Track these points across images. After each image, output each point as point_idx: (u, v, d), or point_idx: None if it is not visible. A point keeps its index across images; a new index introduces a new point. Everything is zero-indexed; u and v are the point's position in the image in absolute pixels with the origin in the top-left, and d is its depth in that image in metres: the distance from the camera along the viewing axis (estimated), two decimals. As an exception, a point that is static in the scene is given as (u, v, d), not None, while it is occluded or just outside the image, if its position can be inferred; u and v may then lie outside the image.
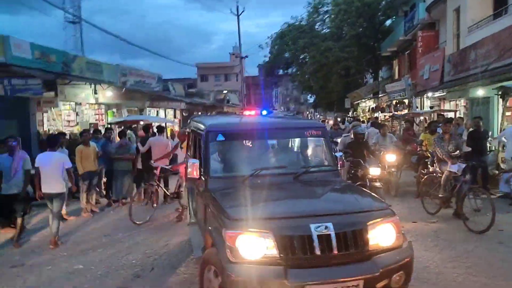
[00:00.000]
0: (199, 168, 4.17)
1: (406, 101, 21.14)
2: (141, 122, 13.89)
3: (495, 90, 10.61)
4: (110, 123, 14.91)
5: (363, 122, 16.96)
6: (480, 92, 12.42)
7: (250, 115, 5.62)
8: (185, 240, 5.74)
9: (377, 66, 30.17)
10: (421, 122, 16.48)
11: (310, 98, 65.77)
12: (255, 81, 49.20)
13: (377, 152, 8.37)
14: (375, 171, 6.67)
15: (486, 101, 12.06)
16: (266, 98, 52.92)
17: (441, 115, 12.63)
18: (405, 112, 20.15)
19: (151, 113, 23.11)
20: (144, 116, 18.41)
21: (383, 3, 26.76)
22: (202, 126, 4.57)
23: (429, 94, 17.20)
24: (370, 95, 28.87)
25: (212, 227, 3.51)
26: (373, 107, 28.61)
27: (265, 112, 5.62)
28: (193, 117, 6.69)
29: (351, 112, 37.71)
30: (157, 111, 24.64)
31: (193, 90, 32.73)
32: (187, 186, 6.04)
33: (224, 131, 4.34)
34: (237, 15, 29.30)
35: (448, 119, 9.19)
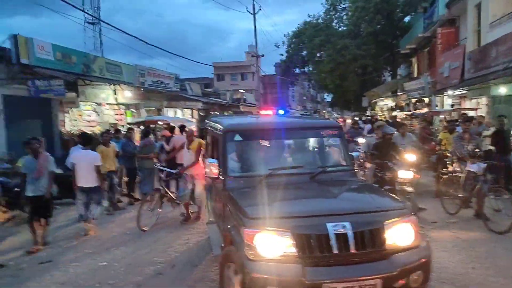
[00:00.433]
0: (217, 168, 4.26)
1: (426, 100, 20.80)
2: (159, 122, 14.12)
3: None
4: (130, 123, 15.21)
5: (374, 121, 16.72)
6: (502, 90, 12.13)
7: (267, 115, 5.70)
8: (204, 238, 5.86)
9: (395, 64, 29.73)
10: (441, 120, 16.19)
11: (327, 97, 65.37)
12: (272, 80, 49.24)
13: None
14: (406, 174, 6.16)
15: (508, 99, 11.78)
16: (282, 97, 52.85)
17: (464, 113, 12.38)
18: (425, 110, 19.86)
19: (169, 113, 23.44)
20: (162, 116, 18.69)
21: (402, -1, 26.31)
22: (219, 127, 4.66)
23: (449, 92, 16.87)
24: (389, 94, 28.49)
25: (231, 225, 3.59)
26: (391, 106, 28.25)
27: (282, 111, 5.69)
28: (210, 117, 6.79)
29: (368, 111, 37.33)
30: (175, 111, 24.96)
31: (210, 90, 33.01)
32: (205, 185, 6.17)
33: (241, 132, 4.43)
34: (253, 13, 29.38)
35: (468, 118, 9.03)
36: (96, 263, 5.12)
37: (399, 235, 3.23)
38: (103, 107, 18.00)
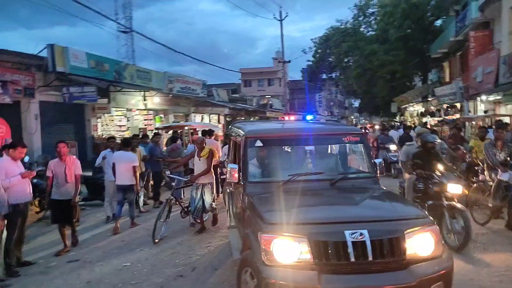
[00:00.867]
0: (238, 173, 4.31)
1: (458, 105, 20.12)
2: (185, 128, 14.39)
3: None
4: (158, 128, 15.59)
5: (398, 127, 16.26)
6: (539, 96, 11.60)
7: (291, 121, 5.72)
8: (225, 243, 5.92)
9: (425, 68, 28.95)
10: (473, 127, 15.61)
11: (354, 103, 64.44)
12: (298, 86, 49.04)
13: None
14: (456, 188, 5.38)
15: (546, 105, 11.24)
16: (309, 103, 52.53)
17: (498, 120, 11.88)
18: (456, 116, 19.21)
19: (196, 118, 23.84)
20: (189, 122, 19.03)
21: (432, 3, 25.65)
22: (241, 132, 4.73)
23: (483, 98, 16.26)
24: (419, 99, 27.76)
25: (249, 230, 3.62)
26: (421, 112, 27.50)
27: (310, 117, 5.70)
28: (234, 123, 6.82)
29: (398, 116, 36.49)
30: (202, 117, 25.36)
31: (237, 95, 33.32)
32: (227, 190, 6.24)
33: (262, 137, 4.46)
34: (280, 20, 29.47)
35: (501, 124, 8.66)
36: (121, 263, 5.28)
37: (419, 244, 3.16)
38: (133, 112, 18.58)
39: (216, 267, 5.03)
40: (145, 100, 17.49)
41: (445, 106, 21.86)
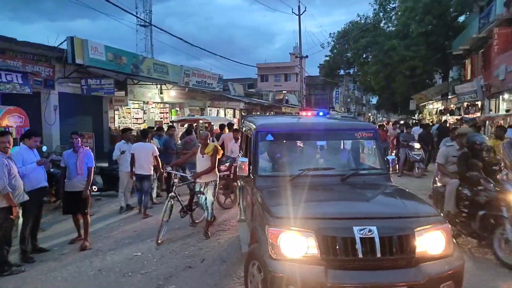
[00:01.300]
0: (248, 166, 4.30)
1: (479, 104, 19.60)
2: (200, 121, 14.47)
3: None
4: (173, 121, 15.73)
5: (420, 125, 15.71)
6: None
7: (304, 116, 5.68)
8: (235, 236, 5.94)
9: (446, 65, 28.25)
10: (494, 126, 15.18)
11: (372, 99, 63.54)
12: (315, 81, 48.69)
13: None
14: None
15: None
16: (326, 99, 52.09)
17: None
18: (477, 115, 18.72)
19: (212, 112, 23.94)
20: (204, 116, 19.14)
21: (457, -2, 24.92)
22: (253, 126, 4.72)
23: (505, 96, 15.80)
24: (438, 97, 27.15)
25: (257, 223, 3.62)
26: (441, 109, 26.91)
27: (321, 113, 5.67)
28: (247, 117, 6.80)
29: (416, 114, 35.80)
30: (217, 111, 25.45)
31: (253, 90, 33.28)
32: (238, 184, 6.25)
33: (273, 131, 4.44)
34: (299, 14, 29.22)
35: None
36: (132, 253, 5.37)
37: (430, 243, 3.10)
38: (149, 105, 18.79)
39: (225, 259, 5.06)
40: (161, 93, 17.66)
41: (465, 104, 21.33)
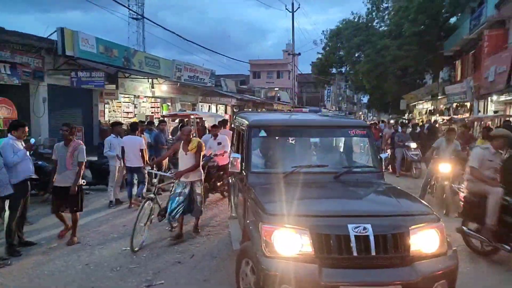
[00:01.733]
0: (241, 163, 4.24)
1: (468, 105, 19.83)
2: (192, 116, 14.34)
3: None
4: (164, 116, 15.58)
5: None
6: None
7: (295, 113, 5.63)
8: (226, 232, 5.89)
9: (437, 66, 28.52)
10: (482, 127, 15.38)
11: (363, 99, 63.87)
12: (307, 79, 48.75)
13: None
14: None
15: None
16: (317, 97, 52.23)
17: (507, 120, 11.68)
18: (466, 116, 18.95)
19: (203, 108, 23.79)
20: (195, 111, 19.01)
21: (448, -1, 25.11)
22: (245, 122, 4.66)
23: (494, 98, 16.00)
24: (428, 97, 27.40)
25: (250, 220, 3.58)
26: (430, 110, 27.19)
27: (305, 110, 5.60)
28: (239, 113, 6.71)
29: (406, 114, 36.11)
30: (209, 106, 25.30)
31: (245, 87, 33.19)
32: (230, 180, 6.18)
33: (266, 127, 4.39)
34: (292, 11, 29.18)
35: (508, 125, 8.52)
36: (120, 247, 5.29)
37: (424, 241, 3.10)
38: (140, 99, 18.58)
39: (215, 255, 5.03)
40: (152, 87, 17.48)
41: (454, 105, 21.57)
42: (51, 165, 7.23)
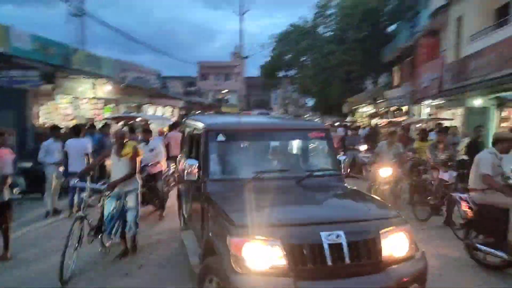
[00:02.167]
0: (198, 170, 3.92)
1: (404, 108, 21.10)
2: (137, 119, 13.66)
3: (492, 101, 10.50)
4: (107, 119, 14.69)
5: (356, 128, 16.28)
6: (478, 102, 12.39)
7: (248, 116, 5.46)
8: (175, 241, 5.60)
9: (378, 72, 30.09)
10: (418, 129, 16.40)
11: (308, 102, 65.69)
12: (255, 82, 49.08)
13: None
14: None
15: (483, 111, 12.01)
16: (265, 100, 52.80)
17: (439, 123, 12.54)
18: (403, 119, 20.14)
19: (149, 110, 22.88)
20: (141, 114, 18.16)
21: (389, 8, 26.59)
22: (200, 125, 4.34)
23: (427, 102, 17.15)
24: (369, 101, 28.76)
25: (213, 233, 3.31)
26: (371, 113, 28.56)
27: (254, 113, 5.46)
28: (190, 115, 6.39)
29: (349, 117, 37.67)
30: (155, 108, 24.42)
31: (192, 89, 32.58)
32: (180, 189, 5.81)
33: (225, 131, 4.14)
34: (240, 14, 29.20)
35: (443, 128, 9.16)
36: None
37: (394, 245, 3.06)
38: (80, 101, 17.37)
39: (164, 265, 4.83)
40: (94, 88, 16.41)
41: (392, 109, 22.85)
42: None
